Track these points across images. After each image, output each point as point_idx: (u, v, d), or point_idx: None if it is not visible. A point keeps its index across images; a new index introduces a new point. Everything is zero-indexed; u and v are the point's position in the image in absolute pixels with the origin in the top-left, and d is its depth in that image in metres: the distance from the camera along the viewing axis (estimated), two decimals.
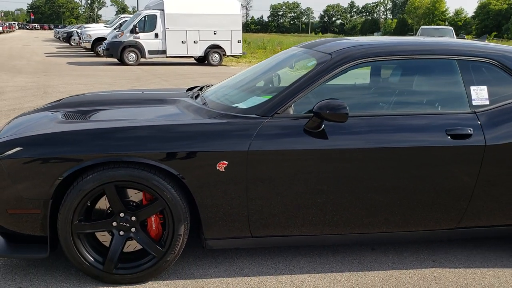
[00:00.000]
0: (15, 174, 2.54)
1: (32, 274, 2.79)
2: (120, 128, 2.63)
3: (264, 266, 2.96)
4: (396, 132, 2.77)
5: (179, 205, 2.62)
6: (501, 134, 2.82)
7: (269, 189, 2.69)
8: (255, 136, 2.65)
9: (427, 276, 2.89)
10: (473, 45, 3.13)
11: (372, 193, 2.78)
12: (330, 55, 2.94)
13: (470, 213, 2.92)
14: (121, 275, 2.68)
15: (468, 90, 2.91)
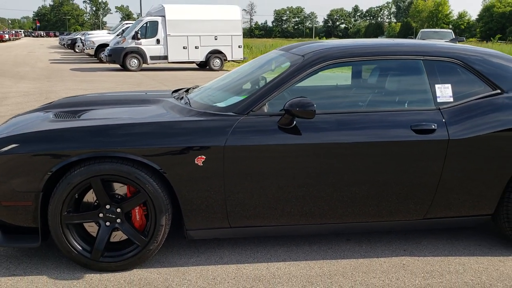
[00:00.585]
0: (9, 168, 2.75)
1: (25, 263, 2.99)
2: (105, 126, 2.84)
3: (243, 255, 3.15)
4: (363, 128, 2.96)
5: (160, 198, 2.82)
6: (463, 129, 3.01)
7: (245, 182, 2.89)
8: (231, 133, 2.84)
9: (396, 264, 3.07)
10: (438, 46, 3.33)
11: (343, 185, 2.97)
12: (303, 57, 3.14)
13: (436, 204, 3.10)
14: (107, 263, 2.88)
15: (433, 88, 3.10)
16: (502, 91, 3.15)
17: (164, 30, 18.24)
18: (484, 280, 2.88)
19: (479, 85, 3.16)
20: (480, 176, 3.07)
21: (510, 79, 3.19)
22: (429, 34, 22.57)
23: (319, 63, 3.06)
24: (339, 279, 2.87)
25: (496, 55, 3.34)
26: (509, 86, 3.16)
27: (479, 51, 3.33)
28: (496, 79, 3.16)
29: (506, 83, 3.17)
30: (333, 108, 3.12)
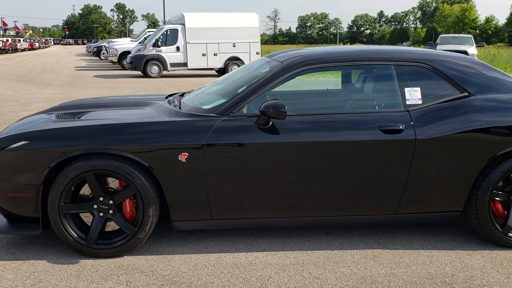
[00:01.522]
0: (15, 163, 3.08)
1: (29, 249, 3.33)
2: (98, 126, 3.16)
3: (226, 245, 3.41)
4: (335, 128, 3.20)
5: (148, 191, 3.12)
6: (430, 130, 3.22)
7: (225, 178, 3.16)
8: (212, 132, 3.12)
9: (368, 255, 3.29)
10: (408, 51, 3.55)
11: (316, 181, 3.21)
12: (281, 63, 3.41)
13: (406, 200, 3.31)
14: (100, 250, 3.19)
15: (402, 92, 3.32)
16: (469, 94, 3.35)
17: (183, 38, 18.71)
18: (447, 271, 3.07)
19: (447, 89, 3.36)
20: (447, 174, 3.27)
21: (477, 83, 3.38)
22: (448, 39, 22.48)
23: (295, 69, 3.32)
24: (311, 267, 3.11)
25: (465, 59, 3.54)
26: (476, 89, 3.36)
27: (449, 56, 3.53)
28: (463, 83, 3.36)
29: (473, 87, 3.36)
30: (307, 110, 3.38)
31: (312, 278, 2.96)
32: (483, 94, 3.35)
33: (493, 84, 3.41)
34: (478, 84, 3.38)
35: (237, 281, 2.92)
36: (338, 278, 2.97)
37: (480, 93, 3.35)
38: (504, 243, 3.40)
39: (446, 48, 19.75)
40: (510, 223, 3.39)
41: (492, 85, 3.41)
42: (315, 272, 3.04)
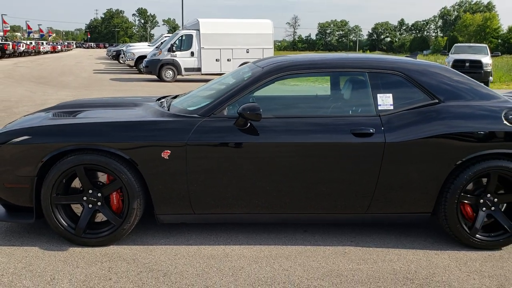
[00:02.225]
0: (14, 156, 3.36)
1: (24, 237, 3.60)
2: (88, 124, 3.43)
3: (207, 239, 3.64)
4: (309, 131, 3.40)
5: (133, 185, 3.36)
6: (399, 134, 3.40)
7: (205, 174, 3.39)
8: (193, 131, 3.36)
9: (339, 251, 3.48)
10: (383, 59, 3.74)
11: (290, 180, 3.42)
12: (262, 69, 3.63)
13: (377, 201, 3.50)
14: (88, 239, 3.44)
15: (375, 97, 3.51)
16: (439, 101, 3.52)
17: (198, 43, 19.07)
18: (411, 268, 3.25)
19: (419, 95, 3.54)
20: (416, 177, 3.44)
21: (447, 90, 3.55)
22: (463, 48, 22.40)
23: (274, 74, 3.54)
24: (282, 260, 3.31)
25: (438, 68, 3.71)
26: (446, 96, 3.53)
27: (421, 64, 3.71)
28: (434, 90, 3.53)
29: (443, 94, 3.54)
30: (284, 113, 3.59)
31: (281, 270, 3.17)
32: (453, 101, 3.52)
33: (463, 92, 3.58)
34: (448, 91, 3.55)
35: (211, 271, 3.14)
36: (306, 270, 3.17)
37: (449, 100, 3.52)
38: (472, 244, 3.55)
39: (460, 57, 19.74)
40: (478, 225, 3.54)
41: (462, 93, 3.57)
42: (285, 264, 3.25)
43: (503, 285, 3.05)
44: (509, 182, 3.55)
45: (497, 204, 3.57)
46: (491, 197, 3.55)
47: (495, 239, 3.58)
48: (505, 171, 3.46)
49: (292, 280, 3.04)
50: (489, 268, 3.27)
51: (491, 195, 3.55)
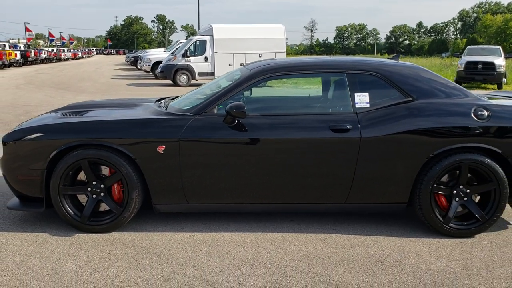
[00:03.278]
0: (27, 151, 3.75)
1: (36, 224, 3.99)
2: (92, 122, 3.80)
3: (201, 227, 3.98)
4: (291, 127, 3.72)
5: (132, 177, 3.72)
6: (374, 130, 3.69)
7: (197, 168, 3.73)
8: (186, 128, 3.71)
9: (320, 237, 3.78)
10: (360, 61, 4.04)
11: (275, 173, 3.74)
12: (250, 71, 3.97)
13: (355, 191, 3.79)
14: (92, 226, 3.81)
15: (352, 96, 3.81)
16: (413, 99, 3.81)
17: (212, 49, 19.50)
18: (384, 252, 3.53)
19: (393, 94, 3.83)
20: (390, 169, 3.73)
21: (420, 89, 3.84)
22: (476, 50, 22.38)
23: (260, 76, 3.87)
24: (266, 245, 3.63)
25: (412, 67, 4.00)
26: (419, 95, 3.82)
27: (396, 65, 4.00)
28: (407, 89, 3.82)
29: (416, 92, 3.82)
30: (269, 111, 3.92)
31: (264, 253, 3.49)
32: (425, 99, 3.80)
33: (436, 90, 3.86)
34: (422, 90, 3.84)
35: (200, 253, 3.48)
36: (287, 253, 3.49)
37: (422, 98, 3.81)
38: (445, 232, 3.82)
39: (472, 59, 19.76)
40: (451, 214, 3.81)
41: (435, 91, 3.85)
42: (268, 248, 3.57)
43: (468, 267, 3.32)
44: (480, 174, 3.81)
45: (470, 194, 3.83)
46: (463, 188, 3.81)
47: (467, 227, 3.84)
48: (475, 164, 3.72)
49: (273, 261, 3.35)
50: (457, 253, 3.53)
51: (464, 186, 3.81)
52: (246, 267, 3.27)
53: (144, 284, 3.02)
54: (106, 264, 3.28)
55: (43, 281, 3.03)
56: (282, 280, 3.09)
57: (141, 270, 3.21)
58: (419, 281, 3.11)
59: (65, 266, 3.25)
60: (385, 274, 3.20)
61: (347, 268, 3.27)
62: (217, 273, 3.17)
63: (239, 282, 3.06)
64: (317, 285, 3.03)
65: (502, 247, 3.66)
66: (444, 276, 3.17)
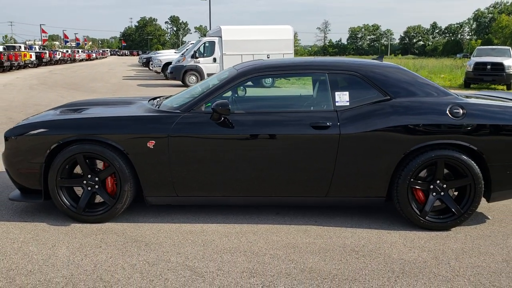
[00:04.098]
0: (28, 146, 4.01)
1: (35, 214, 4.26)
2: (87, 118, 4.05)
3: (190, 218, 4.20)
4: (274, 124, 3.92)
5: (124, 171, 3.96)
6: (352, 127, 3.88)
7: (185, 162, 3.95)
8: (174, 125, 3.93)
9: (301, 229, 3.98)
10: (342, 61, 4.23)
11: (260, 167, 3.94)
12: (236, 71, 4.18)
13: (335, 186, 3.98)
14: (87, 216, 4.06)
15: (333, 95, 4.01)
16: (391, 98, 3.99)
17: (220, 50, 19.77)
18: (361, 243, 3.72)
19: (372, 93, 4.02)
20: (368, 164, 3.91)
21: (398, 87, 4.01)
22: (486, 51, 22.32)
23: (246, 75, 4.09)
24: (249, 235, 3.84)
25: (391, 67, 4.18)
26: (397, 93, 3.99)
27: (375, 65, 4.18)
28: (386, 88, 4.00)
29: (394, 91, 4.00)
30: (254, 109, 4.13)
31: (246, 242, 3.70)
32: (403, 98, 3.98)
33: (413, 89, 4.03)
34: (400, 89, 4.01)
35: (186, 242, 3.70)
36: (267, 243, 3.69)
37: (400, 96, 3.98)
38: (422, 225, 3.99)
39: (481, 60, 19.74)
40: (428, 208, 3.98)
41: (413, 90, 4.03)
42: (251, 238, 3.78)
43: (438, 257, 3.49)
44: (456, 169, 3.97)
45: (446, 189, 4.00)
46: (440, 183, 3.98)
47: (443, 221, 4.01)
48: (451, 160, 3.89)
49: (253, 250, 3.56)
50: (431, 245, 3.71)
51: (440, 181, 3.98)
52: (227, 254, 3.48)
53: (130, 268, 3.25)
54: (97, 251, 3.52)
55: (37, 265, 3.28)
56: (259, 266, 3.30)
57: (129, 256, 3.44)
58: (389, 269, 3.29)
59: (59, 252, 3.49)
60: (357, 262, 3.39)
61: (322, 256, 3.47)
62: (199, 260, 3.39)
63: (218, 268, 3.27)
64: (291, 271, 3.23)
65: (476, 239, 3.83)
66: (413, 265, 3.35)
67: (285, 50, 20.21)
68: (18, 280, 3.07)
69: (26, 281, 3.07)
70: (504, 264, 3.38)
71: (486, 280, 3.15)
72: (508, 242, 3.78)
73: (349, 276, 3.17)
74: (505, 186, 4.01)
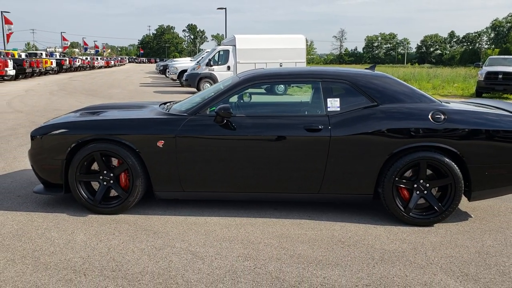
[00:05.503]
0: (51, 144, 4.48)
1: (56, 206, 4.73)
2: (104, 120, 4.52)
3: (195, 212, 4.63)
4: (272, 127, 4.34)
5: (136, 168, 4.41)
6: (341, 130, 4.28)
7: (190, 160, 4.39)
8: (182, 126, 4.38)
9: (295, 222, 4.38)
10: (334, 70, 4.64)
11: (259, 166, 4.36)
12: (239, 78, 4.62)
13: (326, 183, 4.38)
14: (102, 208, 4.51)
15: (325, 101, 4.41)
16: (378, 104, 4.38)
17: (234, 58, 20.26)
18: (347, 235, 4.10)
19: (361, 99, 4.41)
20: (357, 164, 4.30)
21: (385, 94, 4.40)
22: (498, 60, 22.48)
23: (247, 82, 4.52)
24: (248, 227, 4.25)
25: (379, 76, 4.57)
26: (383, 100, 4.38)
27: (364, 74, 4.58)
28: (373, 95, 4.39)
29: (380, 98, 4.39)
30: (254, 112, 4.57)
31: (244, 233, 4.11)
32: (389, 104, 4.37)
33: (399, 96, 4.42)
34: (386, 96, 4.40)
35: (190, 232, 4.12)
36: (263, 233, 4.10)
37: (386, 103, 4.37)
38: (406, 221, 4.36)
39: (493, 69, 19.91)
40: (411, 205, 4.35)
41: (398, 97, 4.41)
42: (248, 229, 4.19)
43: (416, 248, 3.86)
44: (438, 170, 4.34)
45: (429, 188, 4.36)
46: (423, 183, 4.35)
47: (426, 217, 4.37)
48: (433, 161, 4.26)
49: (250, 239, 3.97)
50: (412, 238, 4.07)
51: (424, 180, 4.35)
52: (226, 242, 3.90)
53: (139, 252, 3.68)
54: (111, 237, 3.96)
55: (58, 247, 3.74)
56: (253, 252, 3.71)
57: (139, 242, 3.88)
58: (369, 256, 3.67)
59: (77, 237, 3.95)
60: (342, 250, 3.77)
61: (310, 245, 3.86)
62: (201, 246, 3.81)
63: (217, 253, 3.69)
64: (281, 257, 3.63)
65: (455, 234, 4.18)
66: (392, 254, 3.73)
67: (297, 59, 20.60)
68: (42, 259, 3.53)
69: (49, 259, 3.52)
70: (476, 255, 3.74)
71: (456, 268, 3.51)
72: (484, 237, 4.12)
73: (332, 262, 3.56)
74: (485, 186, 4.36)
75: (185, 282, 3.22)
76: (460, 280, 3.31)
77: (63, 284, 3.16)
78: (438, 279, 3.32)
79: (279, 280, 3.26)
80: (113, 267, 3.42)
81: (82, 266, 3.43)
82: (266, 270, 3.41)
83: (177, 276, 3.30)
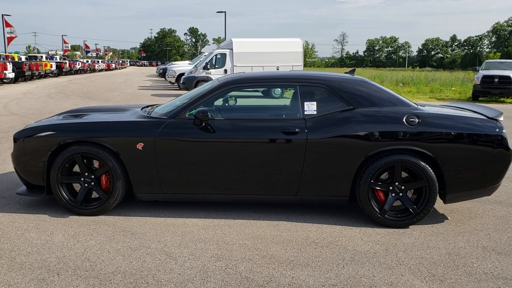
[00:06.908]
0: (34, 146, 4.57)
1: (39, 208, 4.80)
2: (85, 123, 4.60)
3: (175, 213, 4.70)
4: (249, 130, 4.41)
5: (116, 169, 4.48)
6: (318, 133, 4.35)
7: (169, 162, 4.46)
8: (161, 128, 4.45)
9: (273, 224, 4.44)
10: (311, 74, 4.72)
11: (236, 168, 4.43)
12: (218, 82, 4.70)
13: (303, 185, 4.45)
14: (83, 210, 4.59)
15: (303, 105, 4.48)
16: (354, 108, 4.45)
17: (231, 61, 20.37)
18: (322, 236, 4.17)
19: (337, 103, 4.48)
20: (333, 166, 4.37)
21: (361, 98, 4.47)
22: (495, 64, 22.56)
23: (226, 86, 4.60)
24: (225, 228, 4.32)
25: (356, 80, 4.64)
26: (359, 104, 4.45)
27: (341, 78, 4.65)
28: (349, 99, 4.47)
29: (357, 102, 4.46)
30: (233, 116, 4.64)
31: (221, 234, 4.18)
32: (364, 108, 4.44)
33: (375, 100, 4.49)
34: (362, 99, 4.47)
35: (167, 233, 4.20)
36: (239, 234, 4.17)
37: (362, 107, 4.44)
38: (382, 222, 4.42)
39: (489, 73, 19.98)
40: (387, 207, 4.41)
41: (374, 101, 4.48)
42: (225, 231, 4.26)
43: (388, 249, 3.92)
44: (413, 172, 4.40)
45: (405, 190, 4.43)
46: (398, 185, 4.42)
47: (401, 219, 4.43)
48: (407, 163, 4.33)
49: (225, 240, 4.04)
50: (385, 239, 4.14)
51: (399, 183, 4.41)
52: (201, 243, 3.97)
53: (114, 252, 3.76)
54: (88, 238, 4.04)
55: (35, 248, 3.81)
56: (226, 252, 3.78)
57: (115, 243, 3.95)
58: (340, 257, 3.74)
59: (55, 238, 4.02)
60: (314, 251, 3.84)
61: (284, 246, 3.93)
62: (176, 247, 3.88)
63: (191, 253, 3.76)
64: (253, 257, 3.70)
65: (428, 236, 4.24)
66: (363, 255, 3.79)
67: (294, 62, 20.72)
68: (18, 259, 3.60)
69: (24, 259, 3.60)
70: (446, 257, 3.80)
71: (424, 269, 3.57)
72: (457, 239, 4.18)
73: (303, 262, 3.63)
74: (459, 189, 4.42)
75: (156, 281, 3.29)
76: (426, 281, 3.38)
77: (36, 284, 3.24)
78: (405, 280, 3.39)
79: (248, 280, 3.33)
80: (86, 267, 3.50)
81: (56, 266, 3.50)
82: (236, 270, 3.47)
83: (148, 276, 3.37)
